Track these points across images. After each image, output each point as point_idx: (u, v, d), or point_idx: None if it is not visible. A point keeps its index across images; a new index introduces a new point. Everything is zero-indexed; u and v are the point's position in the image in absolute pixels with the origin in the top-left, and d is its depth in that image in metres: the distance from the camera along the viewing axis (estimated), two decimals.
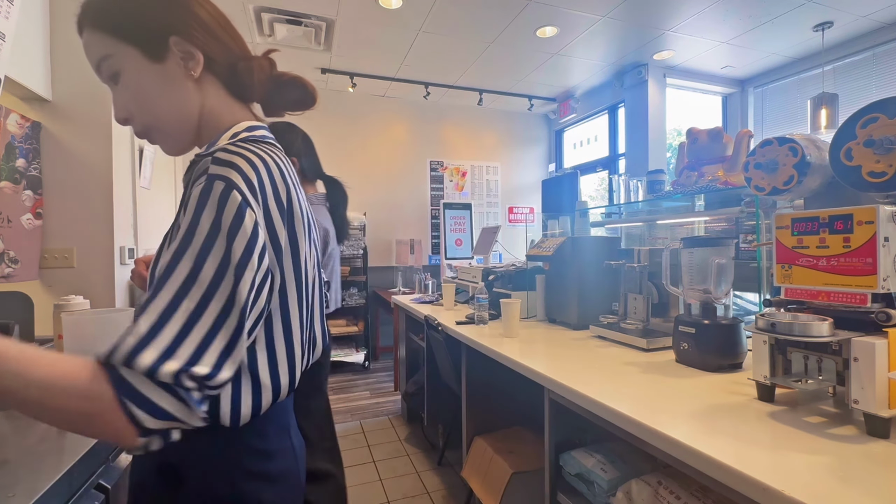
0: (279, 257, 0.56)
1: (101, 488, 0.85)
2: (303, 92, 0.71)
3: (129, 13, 0.58)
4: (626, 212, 2.24)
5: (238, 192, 0.51)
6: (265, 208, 0.54)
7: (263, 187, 0.54)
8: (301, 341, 0.62)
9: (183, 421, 0.47)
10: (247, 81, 0.66)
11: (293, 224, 0.58)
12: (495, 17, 3.18)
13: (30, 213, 2.24)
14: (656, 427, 0.81)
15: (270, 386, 0.58)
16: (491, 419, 1.85)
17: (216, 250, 0.49)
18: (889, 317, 0.76)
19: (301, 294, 0.61)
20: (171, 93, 0.61)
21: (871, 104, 0.82)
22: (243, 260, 0.50)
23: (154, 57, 0.59)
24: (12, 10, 1.23)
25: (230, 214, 0.50)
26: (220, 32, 0.65)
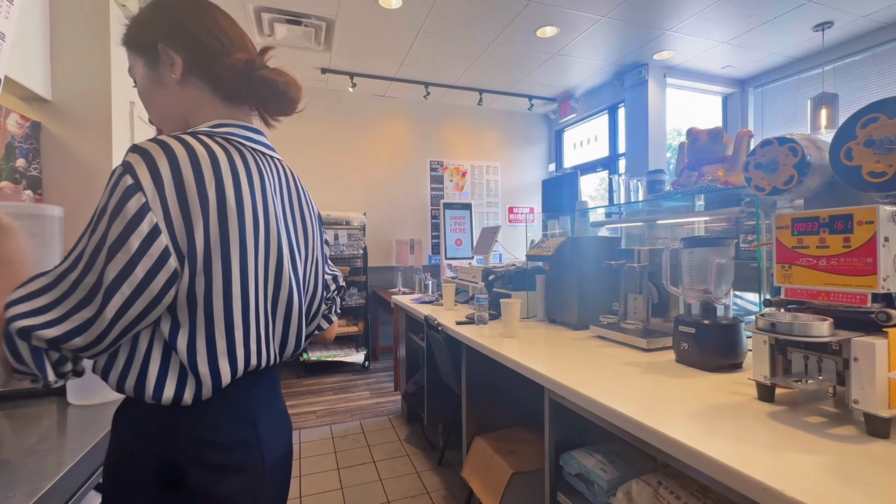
0: (191, 246, 0.58)
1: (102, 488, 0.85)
2: (273, 88, 0.70)
3: (136, 29, 0.70)
4: (626, 212, 2.24)
5: (132, 176, 0.54)
6: (164, 194, 0.55)
7: (177, 174, 0.56)
8: (250, 336, 0.64)
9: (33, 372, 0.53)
10: (225, 83, 0.69)
11: (224, 218, 0.60)
12: (495, 17, 3.18)
13: None
14: (656, 427, 0.81)
15: (195, 373, 0.60)
16: (491, 419, 1.85)
17: (98, 230, 0.54)
18: (889, 317, 0.76)
19: (235, 286, 0.62)
20: (161, 93, 0.70)
21: (871, 104, 0.82)
22: (117, 243, 0.53)
23: (151, 63, 0.69)
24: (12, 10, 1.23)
25: (116, 197, 0.54)
26: (210, 40, 0.69)
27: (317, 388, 3.72)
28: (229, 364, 0.62)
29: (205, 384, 0.60)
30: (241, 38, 0.74)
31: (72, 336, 0.53)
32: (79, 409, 0.99)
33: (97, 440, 0.84)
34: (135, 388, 0.59)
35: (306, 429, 2.88)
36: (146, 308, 0.55)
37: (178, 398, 0.59)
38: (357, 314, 4.49)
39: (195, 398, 0.60)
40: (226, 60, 0.69)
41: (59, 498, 0.71)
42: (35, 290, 0.54)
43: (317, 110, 4.55)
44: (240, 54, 0.70)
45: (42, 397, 1.06)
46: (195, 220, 0.57)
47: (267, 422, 0.70)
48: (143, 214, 0.54)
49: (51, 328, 0.52)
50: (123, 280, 0.53)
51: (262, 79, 0.70)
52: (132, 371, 0.59)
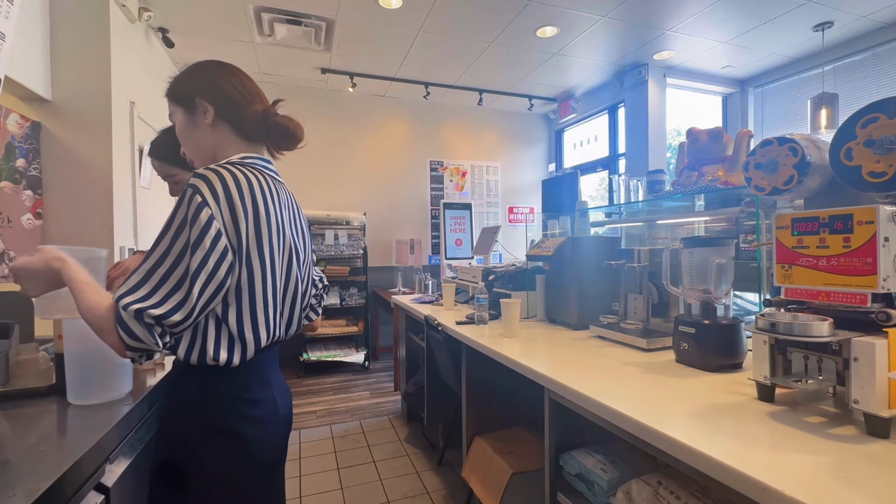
0: (243, 245, 0.80)
1: (102, 488, 0.85)
2: (284, 131, 0.93)
3: (178, 85, 0.93)
4: (626, 212, 2.24)
5: (200, 196, 0.76)
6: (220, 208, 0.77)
7: (226, 194, 0.79)
8: (273, 314, 0.87)
9: (148, 346, 0.72)
10: (246, 126, 0.93)
11: (259, 223, 0.83)
12: (495, 17, 3.18)
13: (30, 213, 2.24)
14: (656, 427, 0.81)
15: (241, 340, 0.82)
16: (491, 419, 1.85)
17: (183, 235, 0.75)
18: (889, 317, 0.76)
19: (268, 276, 0.85)
20: (196, 133, 0.93)
21: (871, 104, 0.82)
22: (196, 243, 0.75)
23: (189, 111, 0.92)
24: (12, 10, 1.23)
25: (191, 211, 0.75)
26: (232, 93, 0.92)
27: (317, 388, 3.72)
28: (265, 333, 0.86)
29: (248, 348, 0.83)
30: (258, 92, 0.96)
31: (172, 313, 0.73)
32: (79, 409, 0.99)
33: (97, 440, 0.84)
34: (199, 355, 0.80)
35: (306, 429, 2.88)
36: (216, 290, 0.76)
37: (230, 360, 0.82)
38: (357, 314, 4.49)
39: (241, 359, 0.83)
40: (248, 110, 0.92)
41: (59, 498, 0.71)
42: (134, 284, 0.73)
43: (317, 110, 4.55)
44: (257, 106, 0.93)
45: (42, 397, 1.06)
46: (240, 225, 0.79)
47: (277, 384, 0.94)
48: (210, 222, 0.75)
49: (157, 308, 0.72)
50: (202, 269, 0.74)
51: (276, 124, 0.93)
52: (196, 342, 0.80)
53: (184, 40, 3.43)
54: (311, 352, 4.09)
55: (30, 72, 2.17)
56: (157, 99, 3.36)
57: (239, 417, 0.85)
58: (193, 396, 0.84)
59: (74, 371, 1.01)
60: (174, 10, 3.01)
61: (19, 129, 2.15)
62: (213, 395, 0.84)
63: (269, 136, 0.94)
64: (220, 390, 0.84)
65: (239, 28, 3.28)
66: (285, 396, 0.97)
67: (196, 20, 3.15)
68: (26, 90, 2.17)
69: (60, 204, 2.36)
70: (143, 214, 2.85)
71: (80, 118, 2.39)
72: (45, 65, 2.30)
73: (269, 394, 0.90)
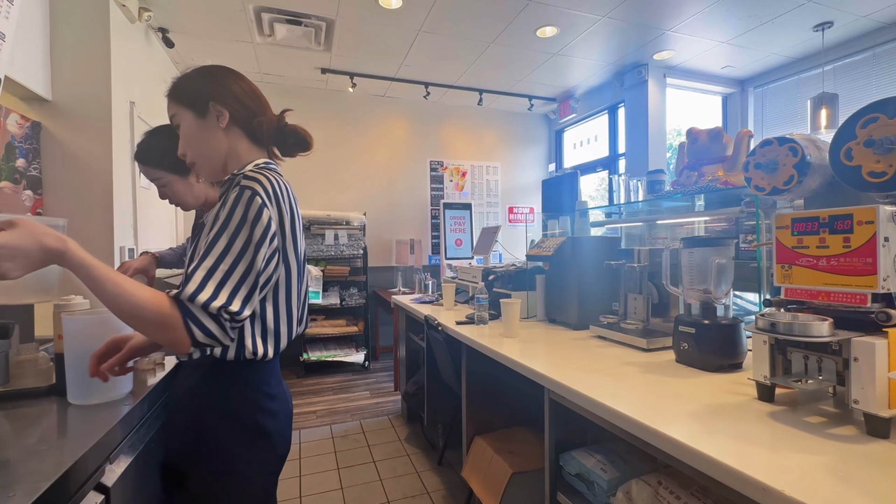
0: (284, 244, 0.86)
1: (102, 488, 0.85)
2: (298, 139, 0.98)
3: (188, 89, 0.93)
4: (626, 212, 2.24)
5: (259, 197, 0.80)
6: (277, 210, 0.83)
7: (276, 196, 0.84)
8: (297, 310, 0.93)
9: (219, 339, 0.76)
10: (259, 133, 0.95)
11: (293, 224, 0.89)
12: (495, 18, 3.18)
13: (30, 213, 2.24)
14: (656, 427, 0.81)
15: (276, 334, 0.88)
16: (491, 419, 1.85)
17: (244, 233, 0.78)
18: (889, 317, 0.76)
19: (294, 274, 0.91)
20: (207, 137, 0.93)
21: (871, 104, 0.82)
22: (260, 241, 0.79)
23: (200, 114, 0.92)
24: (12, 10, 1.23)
25: (254, 211, 0.79)
26: (246, 99, 0.94)
27: (317, 388, 3.72)
28: (293, 327, 0.92)
29: (282, 341, 0.90)
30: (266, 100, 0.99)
31: (243, 309, 0.77)
32: (79, 409, 0.99)
33: (97, 440, 0.84)
34: (237, 350, 0.84)
35: (306, 429, 2.88)
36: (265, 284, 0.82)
37: (265, 353, 0.87)
38: (357, 314, 4.49)
39: (275, 352, 0.89)
40: (262, 118, 0.95)
41: (59, 498, 0.71)
42: (200, 281, 0.74)
43: (317, 110, 4.55)
44: (270, 114, 0.97)
45: (42, 397, 1.06)
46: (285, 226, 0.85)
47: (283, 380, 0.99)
48: (270, 223, 0.81)
49: (231, 304, 0.75)
50: (265, 267, 0.81)
51: (292, 132, 0.97)
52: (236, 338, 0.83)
53: (184, 40, 3.43)
54: (311, 352, 4.09)
55: (30, 72, 2.17)
56: (157, 99, 3.36)
57: (262, 412, 0.88)
58: (225, 394, 0.87)
59: (74, 371, 1.01)
60: (174, 10, 3.01)
61: (19, 129, 2.15)
62: (242, 392, 0.87)
63: (282, 143, 0.98)
64: (249, 386, 0.88)
65: (239, 28, 3.28)
66: (290, 393, 1.03)
67: (196, 20, 3.15)
68: (26, 90, 2.16)
69: (60, 204, 2.36)
70: (143, 214, 2.84)
71: (80, 118, 2.39)
72: (45, 65, 2.30)
73: (282, 388, 0.96)
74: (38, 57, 2.24)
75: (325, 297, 4.21)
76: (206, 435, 0.86)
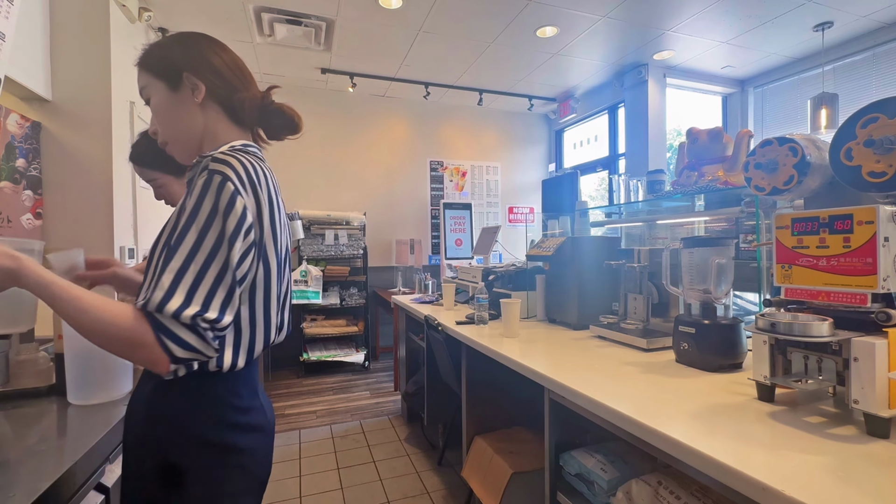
0: (262, 238, 0.73)
1: (101, 488, 0.85)
2: (284, 119, 0.85)
3: (160, 57, 0.81)
4: (626, 212, 2.24)
5: (231, 183, 0.68)
6: (254, 198, 0.71)
7: (253, 182, 0.72)
8: (277, 315, 0.80)
9: (202, 352, 0.65)
10: (240, 110, 0.83)
11: (273, 216, 0.75)
12: (495, 17, 3.18)
13: (30, 213, 2.24)
14: (656, 427, 0.81)
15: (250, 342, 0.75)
16: (491, 419, 1.85)
17: (215, 226, 0.66)
18: (889, 317, 0.76)
19: (279, 273, 0.79)
20: (181, 113, 0.81)
21: (871, 104, 0.82)
22: (234, 234, 0.67)
23: (173, 87, 0.80)
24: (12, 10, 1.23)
25: (225, 200, 0.67)
26: (226, 72, 0.82)
27: (317, 388, 3.72)
28: (270, 334, 0.79)
29: (256, 349, 0.76)
30: (250, 75, 0.88)
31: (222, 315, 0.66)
32: (79, 409, 0.99)
33: (97, 440, 0.84)
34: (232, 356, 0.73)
35: (306, 429, 2.88)
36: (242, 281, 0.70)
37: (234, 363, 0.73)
38: (357, 314, 4.49)
39: (246, 361, 0.75)
40: (244, 94, 0.82)
41: (59, 498, 0.71)
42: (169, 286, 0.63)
43: (317, 110, 4.55)
44: (254, 90, 0.84)
45: (42, 397, 1.06)
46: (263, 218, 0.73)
47: (262, 392, 0.85)
48: (246, 213, 0.69)
49: (207, 311, 0.64)
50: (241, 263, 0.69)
51: (278, 111, 0.84)
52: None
53: None
54: (311, 352, 4.09)
55: (30, 72, 2.17)
56: None
57: (230, 427, 0.75)
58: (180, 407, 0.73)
59: (74, 371, 1.01)
60: (174, 10, 3.01)
61: (19, 129, 2.15)
62: (202, 405, 0.73)
63: (267, 124, 0.86)
64: (210, 399, 0.74)
65: (239, 28, 3.28)
66: (270, 405, 0.90)
67: (196, 20, 3.15)
68: (26, 90, 2.16)
69: (60, 204, 2.36)
70: (143, 214, 2.84)
71: (80, 118, 2.39)
72: (45, 65, 2.30)
73: (259, 402, 0.82)
74: (38, 57, 2.24)
75: (325, 297, 4.21)
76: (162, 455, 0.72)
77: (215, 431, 0.74)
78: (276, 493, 2.13)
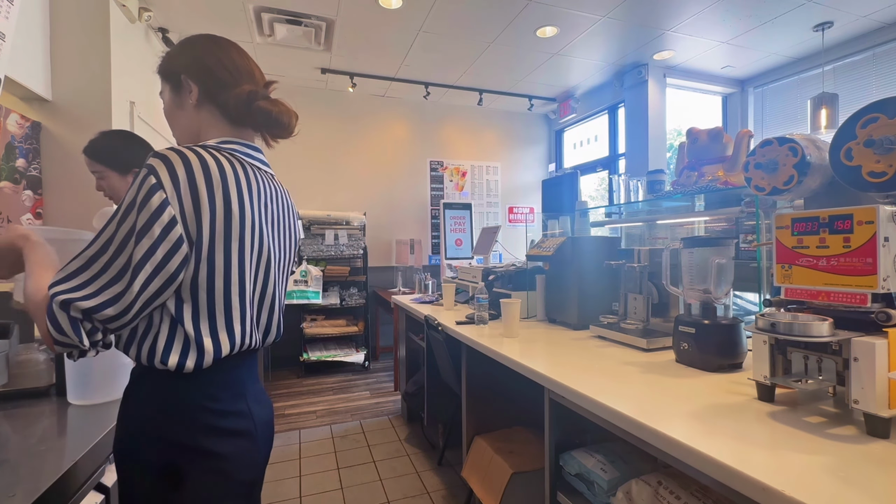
0: (199, 236, 0.70)
1: (101, 488, 0.85)
2: (268, 117, 0.82)
3: (166, 62, 0.85)
4: (626, 212, 2.24)
5: (154, 177, 0.67)
6: (180, 193, 0.68)
7: (191, 177, 0.69)
8: (243, 319, 0.77)
9: (71, 339, 0.64)
10: (231, 109, 0.82)
11: (228, 216, 0.72)
12: (495, 17, 3.18)
13: (30, 213, 2.24)
14: (656, 427, 0.81)
15: (198, 344, 0.72)
16: (491, 419, 1.85)
17: (129, 219, 0.66)
18: (889, 317, 0.76)
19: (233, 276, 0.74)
20: (181, 114, 0.84)
21: (871, 104, 0.82)
22: (144, 229, 0.66)
23: (175, 90, 0.84)
24: (12, 10, 1.23)
25: (142, 193, 0.66)
26: (220, 71, 0.82)
27: (317, 388, 3.72)
28: (228, 338, 0.75)
29: (206, 353, 0.72)
30: (251, 70, 0.86)
31: (104, 307, 0.65)
32: (79, 409, 0.99)
33: (97, 440, 0.84)
34: (147, 356, 0.71)
35: (306, 429, 2.88)
36: (164, 284, 0.67)
37: (182, 365, 0.71)
38: (357, 314, 4.49)
39: (196, 365, 0.72)
40: (233, 91, 0.81)
41: (59, 498, 0.71)
42: (71, 272, 0.66)
43: (317, 110, 4.55)
44: (246, 86, 0.82)
45: (42, 397, 1.06)
46: (203, 215, 0.70)
47: (254, 396, 0.83)
48: (163, 207, 0.66)
49: (87, 300, 0.64)
50: (147, 259, 0.65)
51: (259, 109, 0.81)
52: (146, 342, 0.71)
53: None
54: (311, 352, 4.09)
55: (30, 72, 2.17)
56: (157, 99, 3.36)
57: (206, 430, 0.74)
58: (148, 408, 0.73)
59: (74, 371, 1.01)
60: (174, 10, 3.01)
61: (19, 129, 2.15)
62: (171, 406, 0.72)
63: (254, 124, 0.84)
64: (180, 400, 0.73)
65: (239, 28, 3.28)
66: (265, 410, 0.86)
67: (196, 20, 3.15)
68: (26, 90, 2.16)
69: (60, 204, 2.36)
70: None
71: (80, 118, 2.39)
72: (45, 65, 2.30)
73: (244, 406, 0.79)
74: (38, 57, 2.24)
75: (325, 297, 4.21)
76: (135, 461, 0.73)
77: (189, 435, 0.72)
78: (276, 493, 2.13)
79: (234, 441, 0.77)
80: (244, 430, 0.78)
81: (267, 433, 0.86)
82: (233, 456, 0.76)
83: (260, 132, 0.86)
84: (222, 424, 0.75)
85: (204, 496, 0.74)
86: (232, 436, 0.76)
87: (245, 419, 0.79)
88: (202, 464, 0.73)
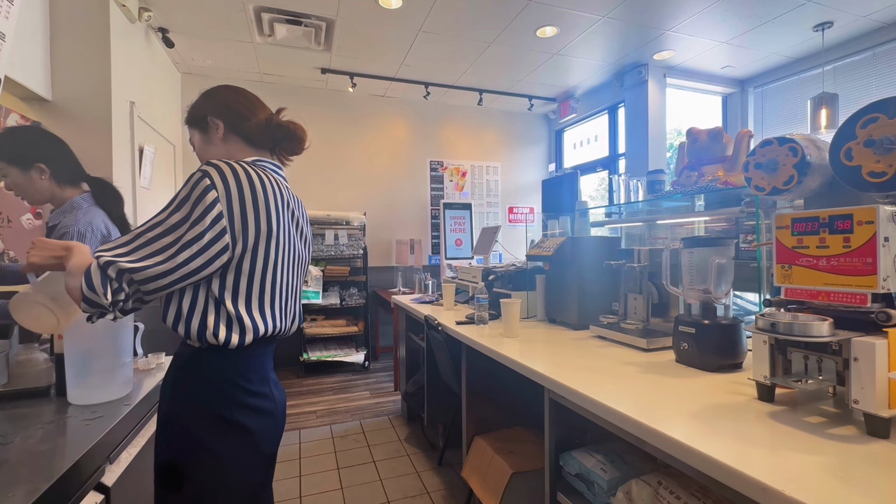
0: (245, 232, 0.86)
1: (102, 488, 0.85)
2: (287, 132, 1.02)
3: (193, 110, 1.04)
4: (626, 212, 2.24)
5: (209, 179, 0.82)
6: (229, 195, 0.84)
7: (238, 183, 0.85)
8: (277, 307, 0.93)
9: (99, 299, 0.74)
10: (252, 135, 1.01)
11: (269, 217, 0.89)
12: (495, 17, 3.18)
13: (30, 213, 2.24)
14: (656, 427, 0.81)
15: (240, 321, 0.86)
16: (491, 419, 1.85)
17: (184, 209, 0.81)
18: (889, 317, 0.76)
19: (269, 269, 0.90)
20: (210, 149, 1.02)
21: (871, 104, 0.82)
22: (198, 219, 0.80)
23: (203, 130, 1.02)
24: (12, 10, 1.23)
25: (198, 191, 0.82)
26: (236, 106, 1.01)
27: (317, 388, 3.72)
28: (266, 322, 0.90)
29: (247, 332, 0.87)
30: (262, 105, 1.05)
31: (146, 269, 0.76)
32: (79, 409, 0.99)
33: (97, 440, 0.85)
34: (198, 331, 0.84)
35: (306, 429, 2.88)
36: (203, 264, 0.80)
37: (228, 339, 0.85)
38: (357, 314, 4.49)
39: (240, 342, 0.86)
40: (252, 120, 1.01)
41: (60, 498, 0.71)
42: (120, 244, 0.78)
43: (317, 110, 4.55)
44: (260, 115, 1.02)
45: (42, 397, 1.06)
46: (249, 216, 0.86)
47: (274, 382, 0.98)
48: (214, 204, 0.81)
49: (130, 263, 0.75)
50: (196, 241, 0.79)
51: (278, 126, 1.01)
52: (194, 320, 0.84)
53: (184, 40, 3.43)
54: (311, 352, 4.09)
55: (30, 72, 2.17)
56: (157, 99, 3.36)
57: (241, 407, 0.87)
58: (196, 385, 0.86)
59: (74, 371, 1.01)
60: (174, 10, 3.01)
61: None
62: (215, 384, 0.86)
63: (273, 140, 1.02)
64: (222, 379, 0.86)
65: (239, 28, 3.28)
66: (282, 395, 1.01)
67: (196, 20, 3.15)
68: (26, 90, 2.16)
69: None
70: (143, 214, 2.84)
71: (80, 118, 2.39)
72: (45, 65, 2.30)
73: (269, 389, 0.94)
74: (38, 57, 2.24)
75: (325, 297, 4.21)
76: (181, 427, 0.86)
77: (228, 410, 0.86)
78: (276, 493, 2.12)
79: (262, 419, 0.91)
80: (269, 409, 0.93)
81: (284, 414, 1.01)
82: (260, 430, 0.90)
83: (276, 152, 1.04)
84: (253, 403, 0.90)
85: (240, 462, 0.88)
86: (260, 413, 0.91)
87: (270, 400, 0.94)
88: (237, 436, 0.87)
